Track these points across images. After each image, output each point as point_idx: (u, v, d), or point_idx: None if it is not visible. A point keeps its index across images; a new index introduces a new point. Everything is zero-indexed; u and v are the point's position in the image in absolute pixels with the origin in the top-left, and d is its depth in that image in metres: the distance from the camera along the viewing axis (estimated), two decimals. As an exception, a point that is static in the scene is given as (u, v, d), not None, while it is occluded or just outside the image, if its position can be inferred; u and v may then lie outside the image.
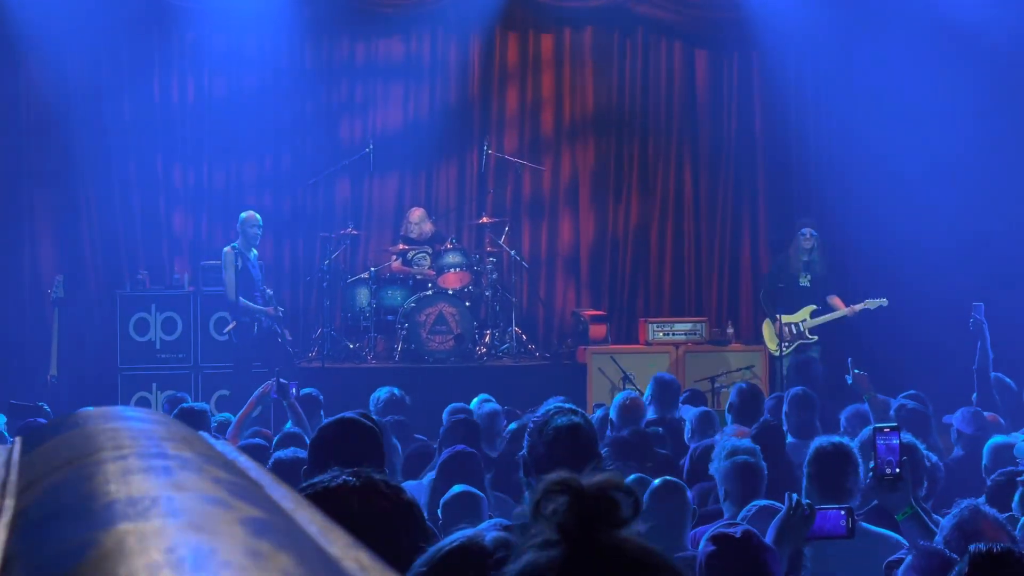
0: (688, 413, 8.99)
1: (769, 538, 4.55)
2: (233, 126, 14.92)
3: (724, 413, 9.08)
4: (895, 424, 5.66)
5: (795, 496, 4.70)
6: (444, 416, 9.01)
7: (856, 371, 9.93)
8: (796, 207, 15.54)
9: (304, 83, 15.14)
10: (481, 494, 6.06)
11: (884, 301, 13.24)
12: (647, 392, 9.72)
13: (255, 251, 13.01)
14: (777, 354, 13.03)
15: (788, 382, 11.38)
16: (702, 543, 4.24)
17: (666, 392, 9.44)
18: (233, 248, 12.79)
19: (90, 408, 1.13)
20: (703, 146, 15.76)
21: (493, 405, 9.49)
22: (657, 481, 5.85)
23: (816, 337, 13.39)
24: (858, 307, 13.36)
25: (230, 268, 12.69)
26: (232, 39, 14.96)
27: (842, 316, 13.41)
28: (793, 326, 13.39)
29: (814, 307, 13.44)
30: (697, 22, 15.67)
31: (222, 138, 14.93)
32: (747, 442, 6.55)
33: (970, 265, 14.53)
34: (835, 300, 13.54)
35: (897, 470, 5.26)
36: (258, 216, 13.01)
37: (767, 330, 13.59)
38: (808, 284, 13.52)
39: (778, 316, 13.20)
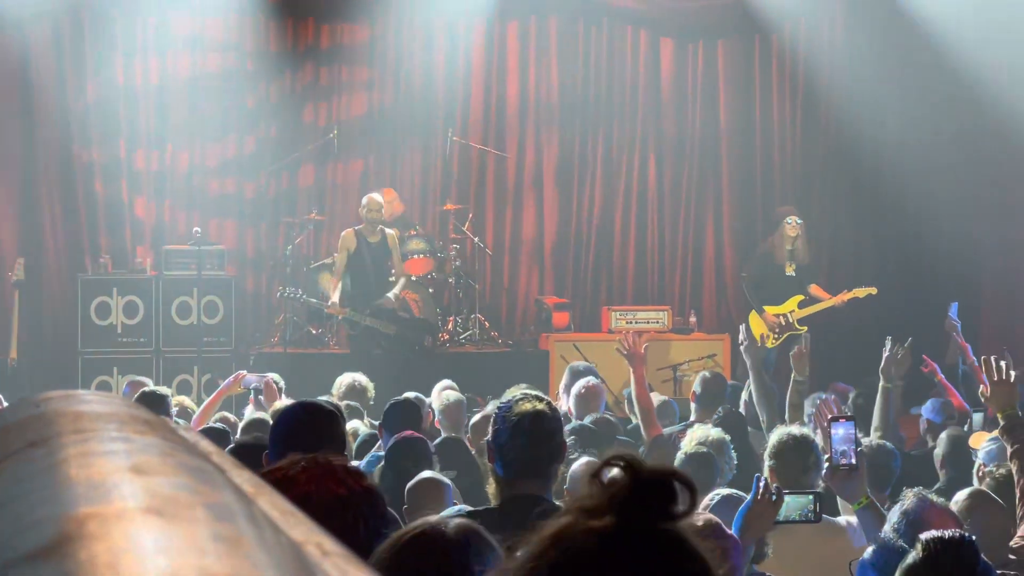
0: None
1: (737, 523, 4.57)
2: (197, 110, 14.84)
3: (687, 403, 9.10)
4: (851, 415, 5.70)
5: (763, 480, 4.70)
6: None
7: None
8: (760, 197, 15.61)
9: (269, 66, 15.05)
10: (447, 481, 6.07)
11: (873, 290, 13.03)
12: (561, 383, 9.70)
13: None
14: (770, 345, 12.89)
15: (779, 372, 11.37)
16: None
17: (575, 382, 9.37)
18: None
19: (50, 392, 1.12)
20: (667, 135, 15.78)
21: (454, 393, 9.48)
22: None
23: (805, 328, 13.23)
24: (847, 296, 13.11)
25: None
26: (196, 21, 14.88)
27: (831, 306, 13.19)
28: (781, 317, 13.24)
29: (801, 297, 13.22)
30: (662, 11, 15.68)
31: (186, 122, 14.84)
32: (717, 432, 6.59)
33: (961, 253, 14.61)
34: (816, 289, 13.34)
35: (852, 460, 5.29)
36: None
37: (755, 320, 13.37)
38: (794, 274, 13.31)
39: (764, 309, 13.14)
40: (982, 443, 6.87)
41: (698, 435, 6.57)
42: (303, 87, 15.30)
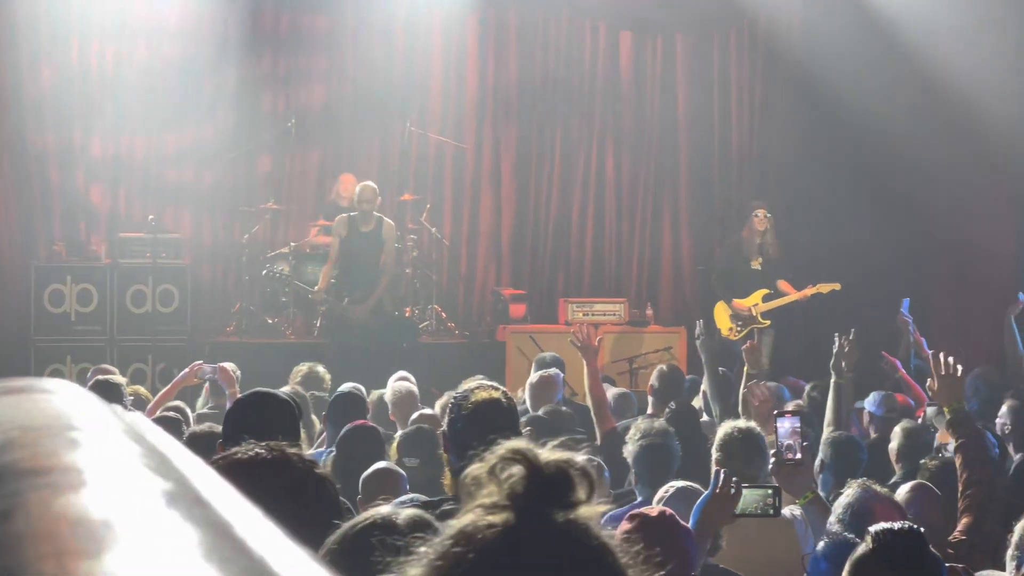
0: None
1: (694, 517, 4.58)
2: (154, 97, 14.74)
3: (645, 395, 9.12)
4: (797, 408, 5.73)
5: (722, 473, 4.71)
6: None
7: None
8: (718, 191, 15.68)
9: (227, 54, 14.98)
10: (402, 471, 6.08)
11: (837, 286, 13.00)
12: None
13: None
14: (733, 338, 12.91)
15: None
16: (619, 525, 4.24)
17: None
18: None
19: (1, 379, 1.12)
20: (626, 128, 15.82)
21: (408, 384, 9.46)
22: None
23: (768, 322, 13.22)
24: (810, 291, 13.09)
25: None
26: (154, 7, 14.78)
27: (794, 300, 13.16)
28: (745, 310, 13.27)
29: (766, 291, 13.21)
30: (621, 4, 15.72)
31: (142, 109, 14.74)
32: (660, 423, 6.61)
33: (929, 252, 14.70)
34: (784, 284, 13.32)
35: (798, 455, 5.32)
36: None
37: (720, 313, 13.38)
38: (760, 268, 13.31)
39: (733, 300, 13.17)
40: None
41: (643, 427, 6.60)
42: (261, 76, 15.24)
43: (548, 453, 1.46)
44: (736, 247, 13.58)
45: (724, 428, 5.93)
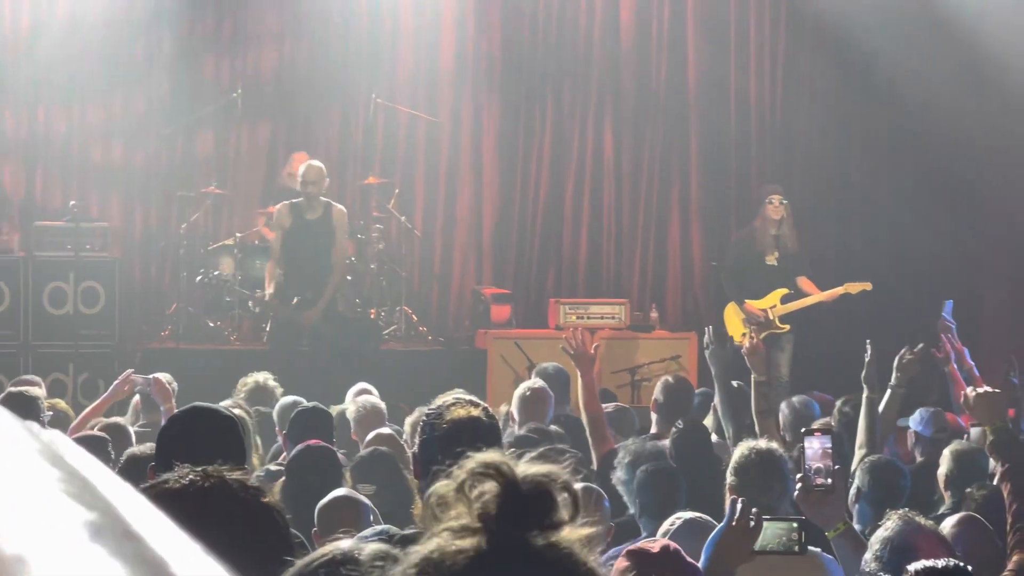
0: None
1: (706, 554, 4.55)
2: (76, 63, 14.70)
3: (648, 411, 9.11)
4: (828, 426, 5.71)
5: (740, 503, 4.69)
6: (274, 414, 9.02)
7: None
8: (735, 173, 15.65)
9: (162, 13, 14.93)
10: (364, 499, 6.07)
11: (868, 285, 12.98)
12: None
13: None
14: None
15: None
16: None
17: (554, 386, 9.36)
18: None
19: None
20: (627, 101, 15.80)
21: (370, 398, 9.45)
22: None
23: (788, 327, 13.14)
24: (837, 291, 13.05)
25: None
26: (77, -41, 14.78)
27: (818, 302, 13.14)
28: (761, 313, 13.22)
29: (785, 291, 13.19)
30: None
31: (63, 77, 14.70)
32: (653, 444, 6.61)
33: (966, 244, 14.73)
34: (806, 282, 13.30)
35: (829, 480, 5.31)
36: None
37: (731, 318, 13.35)
38: (776, 263, 13.28)
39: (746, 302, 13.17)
40: None
41: (632, 449, 6.60)
42: (202, 38, 15.20)
43: (526, 467, 1.46)
44: (748, 240, 13.54)
45: (740, 449, 5.92)
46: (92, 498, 0.89)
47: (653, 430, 8.66)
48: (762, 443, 6.01)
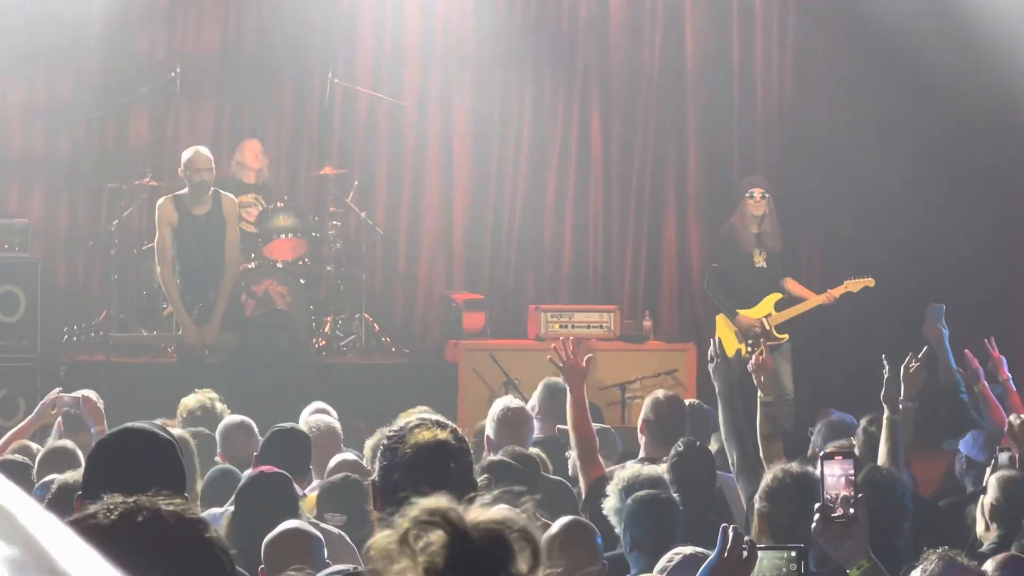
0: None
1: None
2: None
3: (635, 433, 9.10)
4: (849, 448, 5.70)
5: (732, 531, 4.70)
6: (217, 434, 9.03)
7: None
8: (738, 165, 15.65)
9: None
10: (317, 533, 6.08)
11: (870, 281, 13.12)
12: (534, 402, 9.72)
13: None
14: (745, 355, 12.83)
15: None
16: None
17: (559, 403, 9.36)
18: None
19: None
20: (616, 82, 15.79)
21: (326, 418, 9.44)
22: (560, 523, 5.86)
23: (786, 336, 13.21)
24: (837, 291, 13.17)
25: None
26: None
27: (817, 305, 13.24)
28: (756, 323, 13.22)
29: (778, 295, 13.30)
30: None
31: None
32: (650, 469, 6.60)
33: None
34: (793, 284, 13.44)
35: (851, 510, 5.30)
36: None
37: (723, 330, 13.32)
38: (765, 264, 13.38)
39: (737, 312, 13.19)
40: None
41: (627, 475, 6.59)
42: (136, 10, 15.14)
43: (478, 512, 1.44)
44: (729, 240, 13.64)
45: (773, 472, 5.95)
46: (13, 532, 0.89)
47: (642, 454, 8.65)
48: (795, 466, 6.02)
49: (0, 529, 0.85)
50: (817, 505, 5.33)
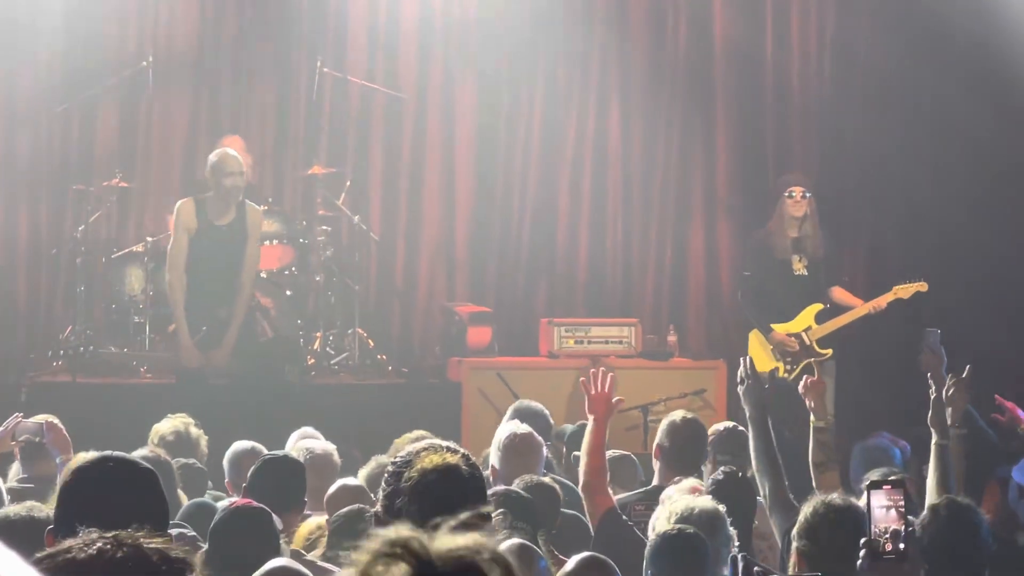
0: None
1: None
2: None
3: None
4: (899, 477, 5.70)
5: (740, 560, 4.70)
6: (226, 461, 9.03)
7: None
8: (772, 163, 15.64)
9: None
10: (306, 572, 6.06)
11: (923, 285, 13.08)
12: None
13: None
14: (787, 375, 12.81)
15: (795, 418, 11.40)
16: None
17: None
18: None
19: None
20: (636, 71, 15.78)
21: (320, 443, 9.42)
22: (576, 560, 5.86)
23: (830, 351, 13.22)
24: (885, 299, 13.16)
25: None
26: None
27: (863, 315, 13.23)
28: (795, 338, 13.19)
29: (820, 306, 13.32)
30: None
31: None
32: (705, 502, 6.59)
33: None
34: (842, 294, 13.45)
35: (901, 545, 5.29)
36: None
37: (755, 347, 13.31)
38: (805, 272, 13.40)
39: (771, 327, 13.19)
40: None
41: (680, 508, 6.57)
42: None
43: (444, 541, 1.43)
44: (764, 246, 13.66)
45: (812, 505, 5.93)
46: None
47: (655, 481, 8.66)
48: (838, 498, 6.00)
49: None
50: (864, 540, 5.33)
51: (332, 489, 8.32)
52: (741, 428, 9.88)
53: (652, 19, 15.81)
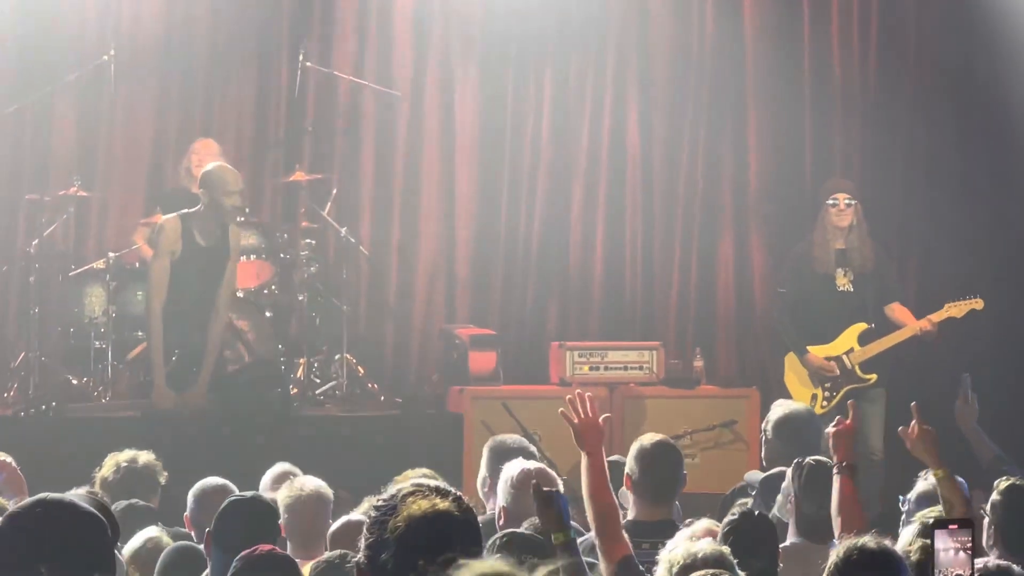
0: None
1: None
2: None
3: (701, 497, 9.08)
4: (964, 515, 5.65)
5: None
6: (191, 495, 9.03)
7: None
8: (811, 169, 15.62)
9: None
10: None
11: (978, 303, 13.15)
12: (484, 473, 9.68)
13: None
14: (820, 410, 12.80)
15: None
16: None
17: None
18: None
19: None
20: (658, 67, 15.80)
21: (310, 480, 9.37)
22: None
23: (874, 376, 13.24)
24: (937, 317, 13.22)
25: None
26: None
27: (912, 335, 13.31)
28: (835, 361, 13.20)
29: (864, 326, 13.36)
30: None
31: None
32: (707, 546, 6.56)
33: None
34: (900, 311, 13.50)
35: (972, 592, 5.24)
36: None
37: (791, 374, 13.31)
38: (850, 288, 13.44)
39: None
40: None
41: (679, 556, 6.52)
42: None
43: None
44: (804, 260, 13.69)
45: (845, 546, 5.86)
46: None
47: (631, 516, 8.63)
48: (871, 541, 5.94)
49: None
50: (927, 585, 5.28)
51: (335, 526, 8.32)
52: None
53: (675, 13, 15.77)
